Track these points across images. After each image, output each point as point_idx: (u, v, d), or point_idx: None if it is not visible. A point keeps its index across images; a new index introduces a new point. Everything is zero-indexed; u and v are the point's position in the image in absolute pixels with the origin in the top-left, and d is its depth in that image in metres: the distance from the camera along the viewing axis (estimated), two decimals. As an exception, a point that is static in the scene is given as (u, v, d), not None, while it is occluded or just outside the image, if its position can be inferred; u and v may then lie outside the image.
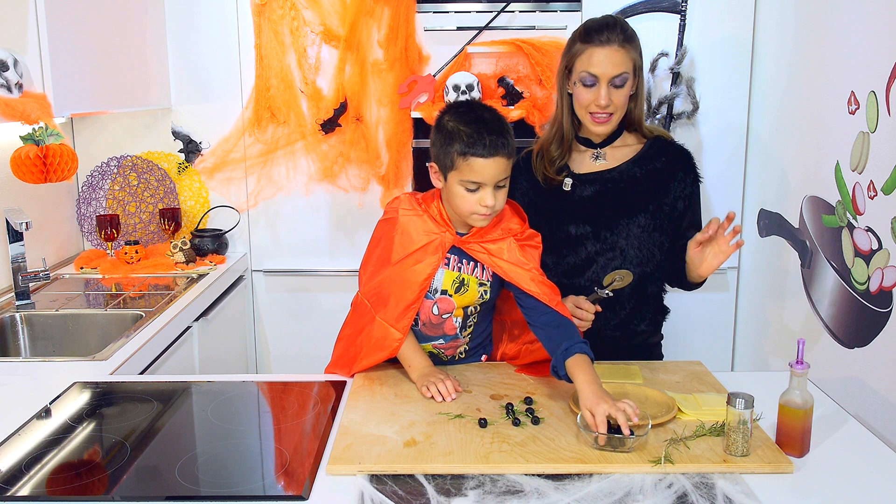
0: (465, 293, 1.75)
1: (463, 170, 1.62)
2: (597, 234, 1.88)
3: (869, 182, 2.00)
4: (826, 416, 1.58)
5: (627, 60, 1.78)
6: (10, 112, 2.03)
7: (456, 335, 1.81)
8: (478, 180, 1.62)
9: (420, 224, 1.73)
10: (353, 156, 2.95)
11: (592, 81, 1.78)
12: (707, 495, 1.27)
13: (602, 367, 1.79)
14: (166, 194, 3.01)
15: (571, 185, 1.89)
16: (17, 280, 2.34)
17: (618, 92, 1.79)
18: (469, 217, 1.67)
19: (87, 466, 1.39)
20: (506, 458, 1.37)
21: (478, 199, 1.63)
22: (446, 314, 1.77)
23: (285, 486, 1.31)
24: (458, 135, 1.62)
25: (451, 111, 1.69)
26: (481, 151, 1.60)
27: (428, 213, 1.74)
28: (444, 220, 1.73)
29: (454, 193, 1.66)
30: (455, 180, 1.64)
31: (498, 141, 1.61)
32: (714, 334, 3.01)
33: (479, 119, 1.64)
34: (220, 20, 2.90)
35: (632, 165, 1.89)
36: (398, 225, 1.74)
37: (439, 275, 1.74)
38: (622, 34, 1.78)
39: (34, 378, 1.82)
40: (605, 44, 1.77)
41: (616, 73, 1.77)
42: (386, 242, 1.77)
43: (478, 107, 1.70)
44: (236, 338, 2.95)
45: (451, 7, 2.86)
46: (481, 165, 1.61)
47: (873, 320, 1.98)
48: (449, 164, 1.65)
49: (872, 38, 2.01)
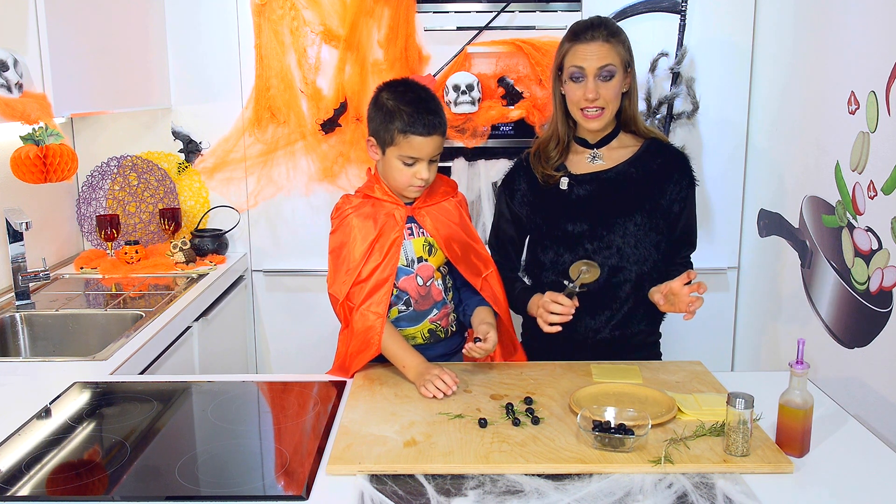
0: (436, 253, 1.88)
1: (403, 146, 1.76)
2: (594, 232, 1.89)
3: (869, 182, 2.00)
4: (826, 416, 1.58)
5: (612, 54, 1.82)
6: (10, 112, 2.03)
7: (444, 300, 1.91)
8: (416, 156, 1.77)
9: (371, 210, 1.84)
10: (354, 156, 2.95)
11: (580, 75, 1.83)
12: (707, 495, 1.27)
13: (602, 367, 1.80)
14: (166, 194, 3.01)
15: (568, 184, 1.91)
16: (17, 280, 2.34)
17: (606, 85, 1.82)
18: (405, 189, 1.82)
19: (87, 466, 1.39)
20: (506, 458, 1.37)
21: (413, 173, 1.78)
22: (429, 280, 1.88)
23: (285, 486, 1.31)
24: (398, 113, 1.75)
25: (390, 89, 1.82)
26: (420, 130, 1.75)
27: (373, 197, 1.85)
28: (391, 196, 1.85)
29: (392, 167, 1.80)
30: (394, 155, 1.78)
31: (435, 120, 1.77)
32: (714, 334, 3.01)
33: (417, 98, 1.78)
34: (220, 20, 2.90)
35: (628, 166, 1.91)
36: (352, 225, 1.83)
37: (408, 246, 1.86)
38: (606, 30, 1.83)
39: (34, 378, 1.82)
40: (590, 40, 1.83)
41: (601, 65, 1.81)
42: (349, 244, 1.83)
43: (414, 86, 1.83)
44: (236, 338, 2.95)
45: (451, 7, 2.86)
46: (420, 143, 1.76)
47: (873, 320, 1.98)
48: (388, 140, 1.78)
49: (872, 38, 2.01)
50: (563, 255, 1.91)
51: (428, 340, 1.90)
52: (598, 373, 1.76)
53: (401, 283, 1.85)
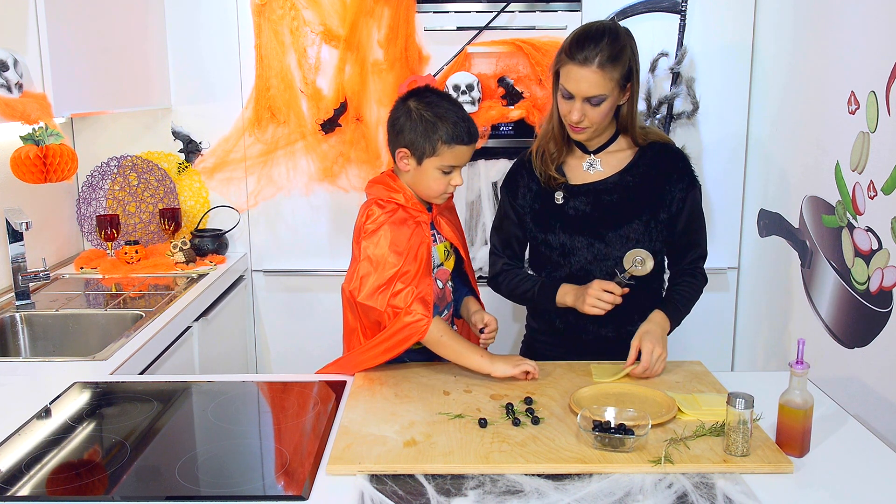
0: (451, 257, 1.93)
1: (444, 156, 1.76)
2: (590, 245, 1.88)
3: (869, 182, 2.00)
4: (826, 416, 1.58)
5: (605, 82, 1.74)
6: (10, 112, 2.03)
7: (452, 300, 1.98)
8: (456, 164, 1.79)
9: (403, 216, 1.82)
10: (354, 156, 2.95)
11: (569, 96, 1.79)
12: (707, 495, 1.27)
13: (602, 368, 1.80)
14: (166, 194, 3.01)
15: (563, 197, 1.90)
16: (17, 280, 2.34)
17: (594, 109, 1.78)
18: (438, 197, 1.83)
19: (87, 466, 1.39)
20: (506, 458, 1.37)
21: (449, 180, 1.80)
22: (447, 283, 1.93)
23: (285, 486, 1.31)
24: (441, 122, 1.75)
25: (419, 99, 1.80)
26: (465, 139, 1.77)
27: (401, 205, 1.82)
28: (415, 204, 1.84)
29: (428, 176, 1.79)
30: (433, 165, 1.78)
31: (474, 127, 1.80)
32: (714, 334, 3.01)
33: (455, 108, 1.79)
34: (220, 20, 2.90)
35: (624, 175, 1.88)
36: (390, 231, 1.78)
37: (434, 251, 1.89)
38: (606, 52, 1.73)
39: (34, 378, 1.82)
40: (583, 64, 1.73)
41: (590, 95, 1.76)
42: (389, 251, 1.77)
43: (444, 95, 1.84)
44: (236, 338, 2.95)
45: (451, 7, 2.86)
46: (463, 151, 1.78)
47: (873, 320, 1.98)
48: (429, 151, 1.77)
49: (872, 38, 2.01)
50: (560, 268, 1.92)
51: None
52: (598, 372, 1.76)
53: None
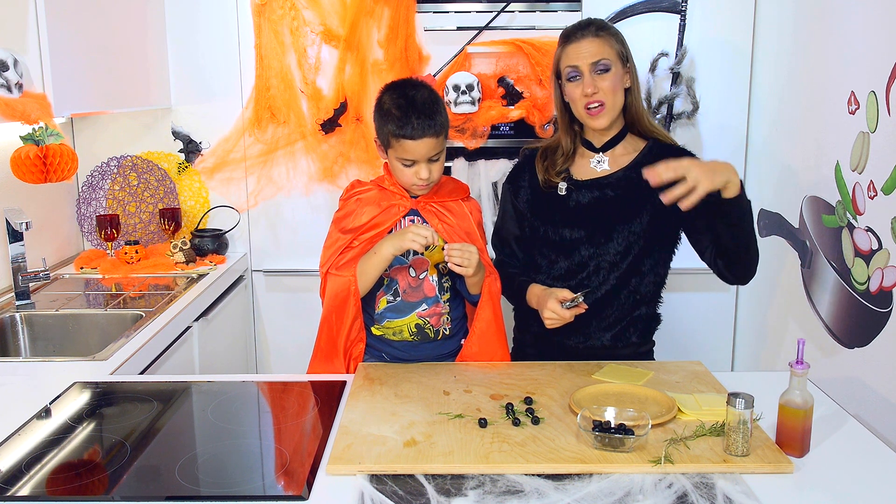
0: (434, 250, 1.84)
1: (397, 149, 1.79)
2: (591, 238, 1.88)
3: (869, 182, 2.00)
4: (826, 416, 1.58)
5: (605, 47, 1.82)
6: (10, 112, 2.03)
7: (436, 297, 1.91)
8: (410, 158, 1.78)
9: (376, 196, 1.89)
10: (354, 156, 2.95)
11: (576, 74, 1.83)
12: (707, 495, 1.27)
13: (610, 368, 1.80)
14: (166, 194, 3.01)
15: (567, 189, 1.90)
16: (17, 280, 2.34)
17: (603, 78, 1.82)
18: (410, 187, 1.86)
19: (87, 466, 1.39)
20: (506, 458, 1.37)
21: (414, 173, 1.80)
22: (423, 273, 1.90)
23: (285, 486, 1.31)
24: (390, 117, 1.77)
25: (389, 90, 1.83)
26: (410, 133, 1.75)
27: (381, 186, 1.90)
28: (398, 189, 1.88)
29: (394, 167, 1.84)
30: (393, 156, 1.82)
31: (425, 123, 1.75)
32: (714, 334, 3.01)
33: (410, 101, 1.76)
34: (220, 20, 2.90)
35: (629, 171, 1.89)
36: (355, 205, 1.89)
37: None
38: (595, 27, 1.84)
39: (34, 378, 1.82)
40: (580, 38, 1.83)
41: (594, 60, 1.81)
42: (347, 221, 1.88)
43: (412, 87, 1.81)
44: (236, 338, 2.95)
45: (451, 7, 2.86)
46: (411, 146, 1.76)
47: (873, 320, 1.98)
48: (385, 143, 1.82)
49: (872, 38, 2.01)
50: (557, 262, 1.91)
51: (416, 337, 1.90)
52: (608, 373, 1.76)
53: (392, 270, 1.87)
